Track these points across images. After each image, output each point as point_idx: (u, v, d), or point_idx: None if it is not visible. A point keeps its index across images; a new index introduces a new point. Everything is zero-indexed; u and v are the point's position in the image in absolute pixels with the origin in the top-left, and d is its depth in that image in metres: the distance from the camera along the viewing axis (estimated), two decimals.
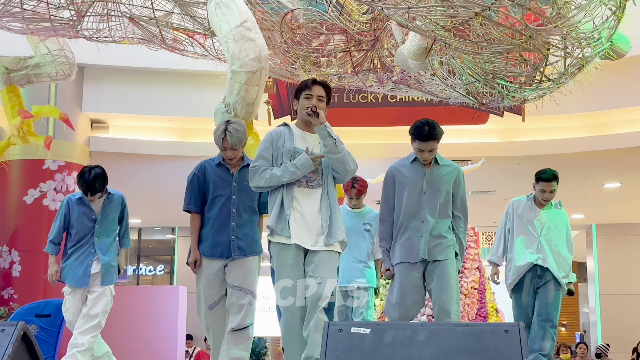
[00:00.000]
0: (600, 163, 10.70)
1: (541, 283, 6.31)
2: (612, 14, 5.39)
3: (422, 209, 5.13)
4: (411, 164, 5.24)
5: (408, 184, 5.20)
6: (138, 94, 10.14)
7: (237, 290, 5.06)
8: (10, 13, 5.96)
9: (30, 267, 9.31)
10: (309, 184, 4.51)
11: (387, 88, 7.51)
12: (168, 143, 10.49)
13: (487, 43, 5.21)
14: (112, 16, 6.37)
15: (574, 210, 14.05)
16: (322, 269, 4.37)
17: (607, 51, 5.75)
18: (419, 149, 5.11)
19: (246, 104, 5.44)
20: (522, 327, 2.79)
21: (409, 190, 5.18)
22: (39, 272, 9.22)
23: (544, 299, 6.29)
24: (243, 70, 5.32)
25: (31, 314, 7.94)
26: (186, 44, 6.84)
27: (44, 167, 9.56)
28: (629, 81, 9.45)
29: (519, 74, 5.91)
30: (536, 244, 6.34)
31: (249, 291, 5.09)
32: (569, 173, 10.84)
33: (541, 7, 5.10)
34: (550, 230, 6.39)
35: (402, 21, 5.21)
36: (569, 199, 13.17)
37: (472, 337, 2.70)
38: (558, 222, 6.47)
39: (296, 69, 7.11)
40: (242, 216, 5.12)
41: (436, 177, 5.20)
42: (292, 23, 6.66)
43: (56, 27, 6.30)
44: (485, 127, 10.14)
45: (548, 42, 5.43)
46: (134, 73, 10.08)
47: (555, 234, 6.39)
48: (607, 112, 10.04)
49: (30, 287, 9.15)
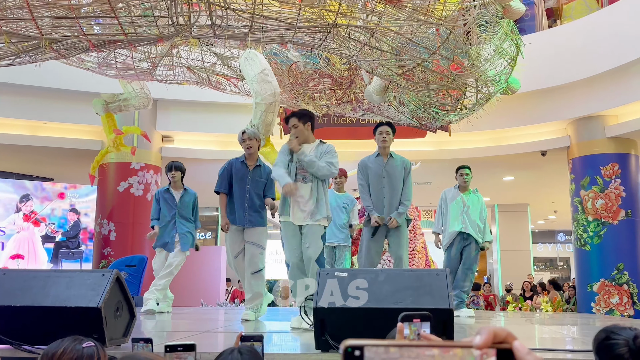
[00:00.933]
0: (500, 164, 10.72)
1: (466, 244, 6.30)
2: (508, 64, 5.39)
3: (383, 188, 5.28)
4: (375, 158, 5.33)
5: (372, 171, 5.32)
6: (194, 118, 10.09)
7: (251, 244, 5.08)
8: (107, 64, 5.93)
9: (121, 234, 9.27)
10: (304, 180, 4.51)
11: (360, 113, 7.51)
12: (213, 151, 10.44)
13: (425, 84, 5.20)
14: (175, 66, 6.35)
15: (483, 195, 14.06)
16: (309, 237, 4.37)
17: (505, 89, 5.76)
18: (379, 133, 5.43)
19: (265, 125, 5.43)
20: (448, 272, 2.79)
21: (372, 176, 5.31)
22: (127, 237, 9.20)
23: (467, 253, 6.29)
24: (263, 102, 5.30)
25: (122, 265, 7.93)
26: (225, 85, 6.82)
27: (130, 167, 9.51)
28: (519, 108, 9.45)
29: (446, 104, 5.90)
30: (460, 218, 6.34)
31: (259, 245, 5.08)
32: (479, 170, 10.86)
33: (461, 59, 5.10)
34: (470, 208, 6.38)
35: (369, 69, 5.20)
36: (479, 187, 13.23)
37: (415, 278, 2.71)
38: (475, 202, 6.46)
39: (298, 101, 7.09)
40: (252, 199, 5.12)
41: (392, 167, 5.36)
42: (296, 71, 6.64)
43: (138, 73, 6.27)
44: (424, 139, 10.13)
45: (465, 83, 5.43)
46: (191, 104, 10.03)
47: (473, 210, 6.38)
48: (504, 129, 10.04)
49: (121, 247, 9.12)
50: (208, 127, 10.13)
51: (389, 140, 5.31)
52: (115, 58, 5.83)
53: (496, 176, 12.01)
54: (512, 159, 10.35)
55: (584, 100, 8.98)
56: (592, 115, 9.04)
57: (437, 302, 2.60)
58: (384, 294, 2.69)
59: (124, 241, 9.19)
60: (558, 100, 9.25)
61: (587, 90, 8.87)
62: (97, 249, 9.39)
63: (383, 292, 2.70)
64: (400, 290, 2.68)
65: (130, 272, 7.74)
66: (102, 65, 5.93)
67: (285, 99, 7.08)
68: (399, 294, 2.68)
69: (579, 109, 9.09)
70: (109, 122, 7.08)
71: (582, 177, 9.04)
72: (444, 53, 4.72)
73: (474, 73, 5.14)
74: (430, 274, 2.72)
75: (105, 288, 2.86)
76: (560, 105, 9.26)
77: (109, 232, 9.32)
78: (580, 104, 9.04)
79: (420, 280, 2.71)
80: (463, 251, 6.32)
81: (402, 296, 2.66)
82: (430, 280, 2.69)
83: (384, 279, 2.73)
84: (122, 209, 9.32)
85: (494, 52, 5.22)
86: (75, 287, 2.89)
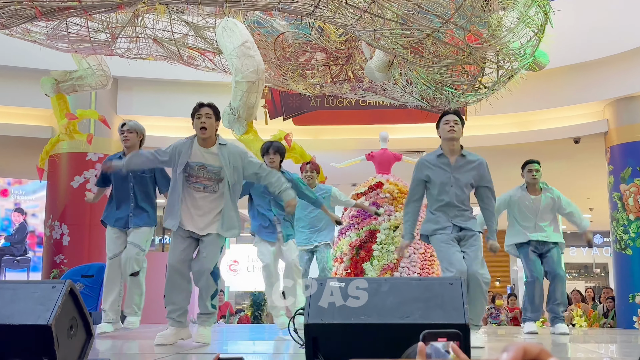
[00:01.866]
0: (525, 153, 10.72)
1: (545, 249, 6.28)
2: (535, 35, 5.41)
3: None
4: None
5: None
6: (161, 99, 10.08)
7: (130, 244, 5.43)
8: (58, 36, 5.90)
9: (76, 238, 9.26)
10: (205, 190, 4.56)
11: (359, 94, 7.51)
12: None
13: (437, 58, 5.21)
14: (139, 38, 6.33)
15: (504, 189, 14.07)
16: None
17: (531, 64, 5.78)
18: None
19: (247, 108, 5.42)
20: (463, 281, 2.80)
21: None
22: (83, 242, 9.19)
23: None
24: (244, 81, 5.29)
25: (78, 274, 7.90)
26: (199, 60, 6.81)
27: (86, 159, 9.49)
28: (548, 88, 9.49)
29: (461, 82, 5.92)
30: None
31: (138, 245, 5.41)
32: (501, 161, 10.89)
33: (479, 29, 5.11)
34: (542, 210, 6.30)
35: (369, 41, 5.20)
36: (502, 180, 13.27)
37: (424, 288, 2.72)
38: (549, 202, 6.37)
39: (287, 79, 7.09)
40: (137, 197, 5.56)
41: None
42: (283, 43, 6.64)
43: (95, 46, 6.25)
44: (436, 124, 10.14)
45: (484, 57, 5.44)
46: (157, 83, 10.01)
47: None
48: (531, 113, 10.08)
49: (76, 253, 9.11)
50: (178, 110, 10.10)
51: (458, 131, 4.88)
52: (68, 28, 5.80)
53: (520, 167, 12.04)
54: (540, 147, 10.38)
55: (625, 77, 9.02)
56: (634, 95, 9.08)
57: (450, 316, 2.62)
58: (387, 307, 2.70)
59: (80, 247, 9.18)
60: (594, 77, 9.29)
61: (629, 65, 8.92)
62: (48, 256, 9.37)
63: (387, 305, 2.71)
64: (406, 303, 2.69)
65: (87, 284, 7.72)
66: (51, 37, 5.90)
67: (270, 77, 7.07)
68: (405, 307, 2.69)
69: (619, 87, 9.13)
70: (60, 104, 7.05)
71: (622, 168, 9.09)
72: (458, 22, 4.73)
73: (494, 45, 5.15)
74: (442, 283, 2.73)
75: (57, 302, 2.85)
76: (596, 83, 9.29)
77: (61, 235, 9.30)
78: (620, 81, 9.07)
79: (430, 291, 2.72)
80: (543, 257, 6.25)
81: (409, 309, 2.68)
82: (442, 291, 2.70)
83: (388, 290, 2.74)
84: (76, 209, 9.30)
85: (518, 20, 5.24)
86: (20, 301, 2.89)
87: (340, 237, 8.55)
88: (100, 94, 9.41)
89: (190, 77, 8.78)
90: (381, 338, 2.69)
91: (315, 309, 2.75)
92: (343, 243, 8.45)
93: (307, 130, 10.37)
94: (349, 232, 8.48)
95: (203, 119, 4.45)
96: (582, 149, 10.20)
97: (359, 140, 10.61)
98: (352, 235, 8.41)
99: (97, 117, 7.50)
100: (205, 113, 4.47)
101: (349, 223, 8.53)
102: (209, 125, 4.46)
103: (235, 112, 5.45)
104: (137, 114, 10.27)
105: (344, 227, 8.48)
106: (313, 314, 2.74)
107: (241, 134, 5.67)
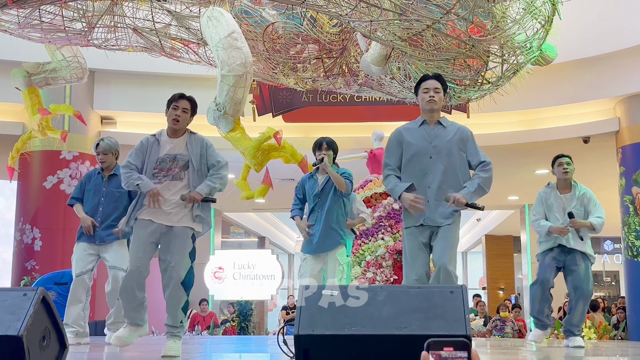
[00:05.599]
0: (532, 153, 10.79)
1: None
2: (542, 27, 5.43)
3: None
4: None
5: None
6: (141, 94, 10.06)
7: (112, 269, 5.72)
8: (30, 25, 5.89)
9: (49, 242, 9.23)
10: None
11: (354, 89, 7.52)
12: None
13: (437, 51, 5.22)
14: (118, 27, 6.32)
15: (509, 192, 14.15)
16: None
17: (537, 58, 5.81)
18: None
19: (234, 103, 5.43)
20: (465, 289, 2.82)
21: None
22: (56, 247, 9.16)
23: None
24: (231, 74, 5.30)
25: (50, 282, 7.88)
26: (182, 52, 6.80)
27: (60, 157, 9.47)
28: (556, 84, 9.53)
29: (463, 77, 5.94)
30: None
31: (120, 268, 5.60)
32: (505, 161, 10.95)
33: (482, 20, 5.13)
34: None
35: (365, 32, 5.22)
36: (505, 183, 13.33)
37: (423, 297, 2.73)
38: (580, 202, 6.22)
39: (276, 73, 7.09)
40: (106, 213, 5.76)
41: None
42: (273, 34, 6.64)
43: (70, 36, 6.24)
44: None
45: (488, 51, 5.47)
46: (137, 76, 9.99)
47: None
48: (537, 110, 10.12)
49: (49, 259, 9.08)
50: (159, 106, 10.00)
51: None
52: (41, 17, 5.79)
53: (527, 169, 12.11)
54: (546, 147, 10.42)
55: (638, 72, 9.07)
56: None
57: (451, 327, 2.63)
58: (384, 317, 2.71)
59: (53, 252, 9.15)
60: (605, 73, 9.34)
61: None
62: (18, 262, 9.34)
63: (383, 315, 2.72)
64: (404, 313, 2.70)
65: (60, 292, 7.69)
66: (23, 26, 5.88)
67: (259, 70, 7.07)
68: (403, 317, 2.70)
69: (631, 83, 9.18)
70: (32, 99, 7.03)
71: (634, 169, 9.15)
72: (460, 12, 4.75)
73: (498, 38, 5.17)
74: (442, 292, 2.75)
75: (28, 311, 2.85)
76: (607, 79, 9.34)
77: (32, 240, 9.27)
78: (633, 77, 9.13)
79: (429, 300, 2.73)
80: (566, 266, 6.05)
81: (407, 320, 2.69)
82: (442, 300, 2.71)
83: (385, 298, 2.75)
84: (49, 211, 9.28)
85: (524, 11, 5.26)
86: None
87: (363, 240, 8.40)
88: (75, 88, 9.39)
89: (172, 70, 8.77)
90: (377, 350, 2.70)
91: (306, 319, 2.76)
92: (373, 247, 8.31)
93: (298, 127, 10.38)
94: (380, 235, 8.35)
95: (179, 112, 4.54)
96: (591, 149, 10.25)
97: (354, 138, 10.61)
98: (386, 238, 8.31)
99: (72, 112, 7.48)
100: (183, 108, 4.55)
101: (377, 224, 8.41)
102: (182, 119, 4.56)
103: (221, 108, 5.44)
104: (115, 110, 10.27)
105: (369, 230, 8.35)
106: (304, 324, 2.75)
107: (227, 132, 5.66)
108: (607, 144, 9.85)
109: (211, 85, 5.92)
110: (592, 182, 12.88)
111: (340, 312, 2.75)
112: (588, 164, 11.45)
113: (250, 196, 5.96)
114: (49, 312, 3.05)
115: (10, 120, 9.79)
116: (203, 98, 4.77)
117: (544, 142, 10.16)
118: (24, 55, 7.61)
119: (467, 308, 2.72)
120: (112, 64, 8.09)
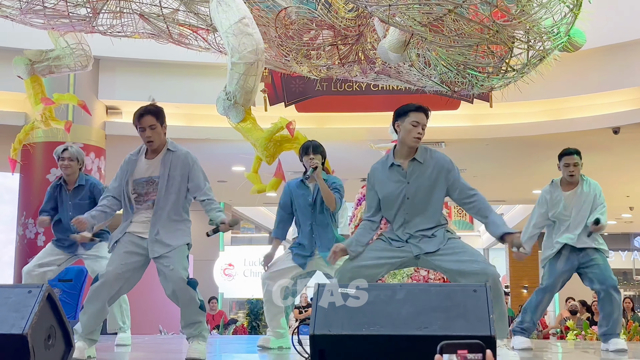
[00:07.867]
0: (558, 144, 10.70)
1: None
2: (570, 11, 5.39)
3: None
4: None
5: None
6: (148, 82, 10.09)
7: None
8: (33, 10, 5.91)
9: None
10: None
11: (370, 78, 7.50)
12: (175, 127, 10.43)
13: (459, 37, 5.19)
14: (124, 13, 6.33)
15: (534, 186, 14.06)
16: None
17: (565, 44, 5.76)
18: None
19: (245, 92, 5.43)
20: (489, 287, 2.81)
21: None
22: None
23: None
24: (242, 62, 5.30)
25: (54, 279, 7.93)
26: (191, 38, 6.81)
27: None
28: (584, 71, 9.46)
29: (487, 64, 5.90)
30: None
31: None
32: (530, 154, 10.89)
33: (507, 4, 5.09)
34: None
35: (383, 17, 5.20)
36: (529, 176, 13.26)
37: (445, 296, 2.72)
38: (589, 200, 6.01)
39: (289, 60, 7.08)
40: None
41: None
42: (286, 20, 6.63)
43: (74, 23, 6.26)
44: (457, 112, 10.13)
45: (513, 36, 5.43)
46: (144, 64, 10.02)
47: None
48: (564, 99, 10.06)
49: None
50: (167, 95, 10.14)
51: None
52: (44, 2, 5.81)
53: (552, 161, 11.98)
54: (574, 138, 10.35)
55: None
56: None
57: (474, 327, 2.62)
58: (403, 316, 2.71)
59: None
60: (636, 59, 9.26)
61: None
62: (21, 258, 9.40)
63: (402, 315, 2.72)
64: (425, 312, 2.69)
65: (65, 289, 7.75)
66: (25, 11, 5.91)
67: (271, 58, 7.06)
68: (423, 317, 2.69)
69: None
70: (35, 88, 7.06)
71: None
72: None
73: (524, 23, 5.13)
74: (464, 290, 2.74)
75: (33, 309, 2.87)
76: (638, 66, 9.27)
77: (35, 235, 9.33)
78: None
79: (451, 299, 2.72)
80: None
81: (428, 319, 2.68)
82: (465, 299, 2.70)
83: (404, 297, 2.75)
84: None
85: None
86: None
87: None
88: (79, 77, 9.42)
89: (180, 57, 8.77)
90: (396, 351, 2.70)
91: (322, 319, 2.76)
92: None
93: (311, 118, 10.37)
94: None
95: (147, 133, 4.35)
96: (621, 140, 10.18)
97: (370, 129, 10.60)
98: None
99: (76, 102, 7.51)
100: (149, 125, 4.36)
101: None
102: (155, 136, 4.37)
103: (232, 97, 5.45)
104: (121, 99, 10.31)
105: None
106: (320, 324, 2.75)
107: (237, 122, 5.67)
108: (637, 134, 9.79)
109: (221, 74, 5.93)
110: (622, 175, 12.82)
111: (357, 311, 2.75)
112: (617, 156, 11.38)
113: (262, 190, 5.96)
114: (54, 310, 3.07)
115: (12, 110, 9.85)
116: (212, 87, 4.78)
117: (570, 132, 10.09)
118: (26, 42, 7.66)
119: (492, 307, 2.71)
120: (117, 51, 8.12)
